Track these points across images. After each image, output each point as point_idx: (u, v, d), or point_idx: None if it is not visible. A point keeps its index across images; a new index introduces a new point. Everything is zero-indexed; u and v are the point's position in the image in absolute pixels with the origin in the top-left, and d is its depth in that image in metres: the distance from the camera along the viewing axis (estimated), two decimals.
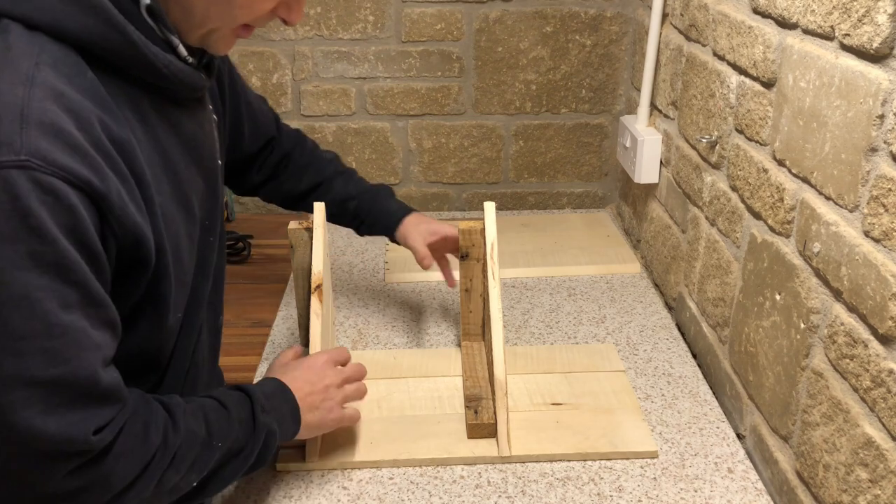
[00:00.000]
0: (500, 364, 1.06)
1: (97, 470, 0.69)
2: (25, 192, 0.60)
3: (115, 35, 0.67)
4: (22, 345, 0.62)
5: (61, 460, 0.66)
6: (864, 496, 0.81)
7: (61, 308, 0.63)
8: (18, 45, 0.64)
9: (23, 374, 0.62)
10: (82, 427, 0.66)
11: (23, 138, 0.60)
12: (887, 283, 0.76)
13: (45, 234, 0.61)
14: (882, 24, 0.76)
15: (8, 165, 0.59)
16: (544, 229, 1.71)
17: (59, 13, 0.65)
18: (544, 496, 0.98)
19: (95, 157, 0.65)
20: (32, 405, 0.63)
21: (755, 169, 1.07)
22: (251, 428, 0.84)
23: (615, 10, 1.73)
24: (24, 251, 0.60)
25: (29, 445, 0.64)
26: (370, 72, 1.77)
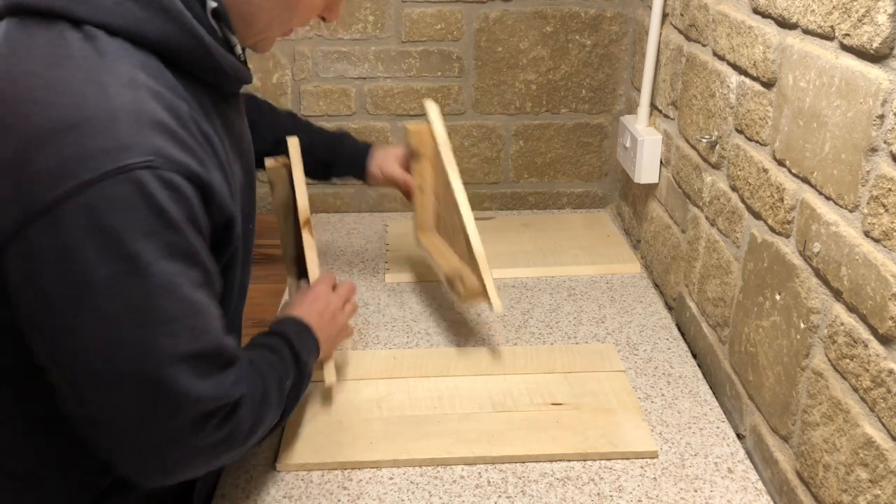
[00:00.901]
0: (475, 237, 1.19)
1: (233, 420, 0.77)
2: (156, 190, 0.65)
3: (190, 39, 0.72)
4: (173, 326, 0.69)
5: (212, 417, 0.74)
6: (864, 496, 0.81)
7: (193, 288, 0.70)
8: (110, 51, 0.68)
9: (178, 350, 0.69)
10: (226, 384, 0.74)
11: (144, 139, 0.65)
12: (887, 283, 0.76)
13: (176, 226, 0.68)
14: (882, 24, 0.76)
15: (138, 167, 0.65)
16: (544, 229, 1.71)
17: (139, 20, 0.69)
18: (544, 496, 0.98)
19: (197, 150, 0.71)
20: (188, 375, 0.70)
21: (755, 169, 1.07)
22: (296, 364, 0.93)
23: (615, 10, 1.73)
24: (163, 243, 0.67)
25: (190, 409, 0.71)
26: (370, 72, 1.77)
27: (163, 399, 0.69)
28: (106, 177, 0.63)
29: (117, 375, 0.67)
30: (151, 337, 0.67)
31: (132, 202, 0.65)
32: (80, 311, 0.65)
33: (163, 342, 0.68)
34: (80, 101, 0.65)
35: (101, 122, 0.64)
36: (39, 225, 0.63)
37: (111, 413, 0.70)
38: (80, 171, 0.63)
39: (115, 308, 0.66)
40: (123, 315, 0.66)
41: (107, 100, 0.65)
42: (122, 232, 0.64)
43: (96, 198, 0.63)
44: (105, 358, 0.67)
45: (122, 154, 0.64)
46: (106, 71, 0.66)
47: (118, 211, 0.64)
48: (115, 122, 0.65)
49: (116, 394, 0.68)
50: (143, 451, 0.73)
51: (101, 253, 0.64)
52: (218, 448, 0.77)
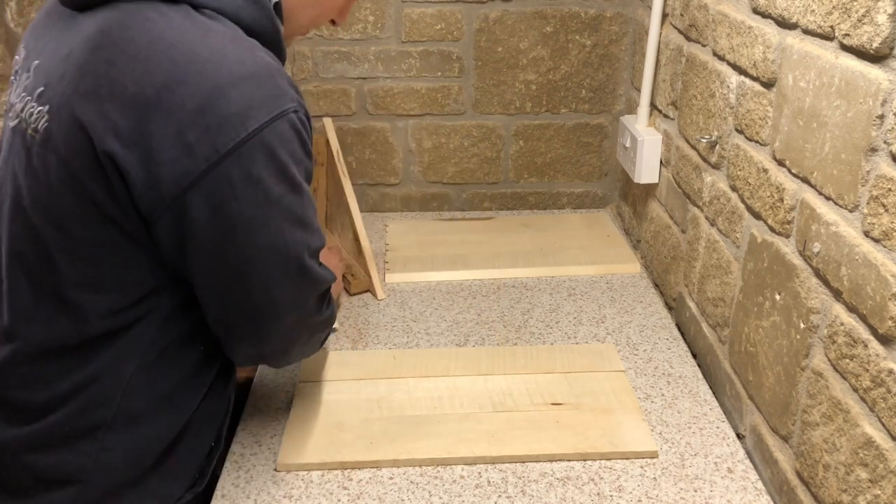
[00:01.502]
0: (363, 235, 1.45)
1: (330, 301, 1.01)
2: (301, 128, 0.84)
3: (271, 26, 0.88)
4: (313, 229, 0.90)
5: (324, 297, 0.98)
6: (864, 496, 0.81)
7: (310, 206, 0.89)
8: (231, 26, 0.84)
9: (316, 246, 0.91)
10: (331, 272, 0.97)
11: (289, 90, 0.83)
12: (887, 283, 0.76)
13: (310, 154, 0.87)
14: (882, 24, 0.76)
15: (290, 110, 0.82)
16: (544, 229, 1.71)
17: (239, 6, 0.85)
18: (544, 496, 0.98)
19: None
20: (318, 265, 0.93)
21: (755, 169, 1.07)
22: None
23: (615, 10, 1.73)
24: (304, 168, 0.86)
25: (319, 289, 0.94)
26: (370, 72, 1.77)
27: (310, 281, 0.91)
28: (276, 118, 0.80)
29: (285, 269, 0.86)
30: (305, 238, 0.88)
31: (291, 137, 0.82)
32: (264, 222, 0.82)
33: (310, 241, 0.89)
34: (241, 60, 0.80)
35: (263, 75, 0.81)
36: (231, 159, 0.78)
37: (276, 295, 0.88)
38: (259, 115, 0.79)
39: (286, 218, 0.84)
40: (291, 223, 0.85)
41: (258, 59, 0.81)
42: (286, 160, 0.82)
43: (271, 134, 0.80)
44: (279, 257, 0.85)
45: (281, 100, 0.81)
46: (242, 39, 0.83)
47: (285, 143, 0.82)
48: (271, 77, 0.81)
49: (285, 279, 0.87)
50: (285, 330, 0.93)
51: (276, 177, 0.82)
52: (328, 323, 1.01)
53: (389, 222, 1.76)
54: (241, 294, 0.87)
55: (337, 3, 0.99)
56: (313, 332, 0.99)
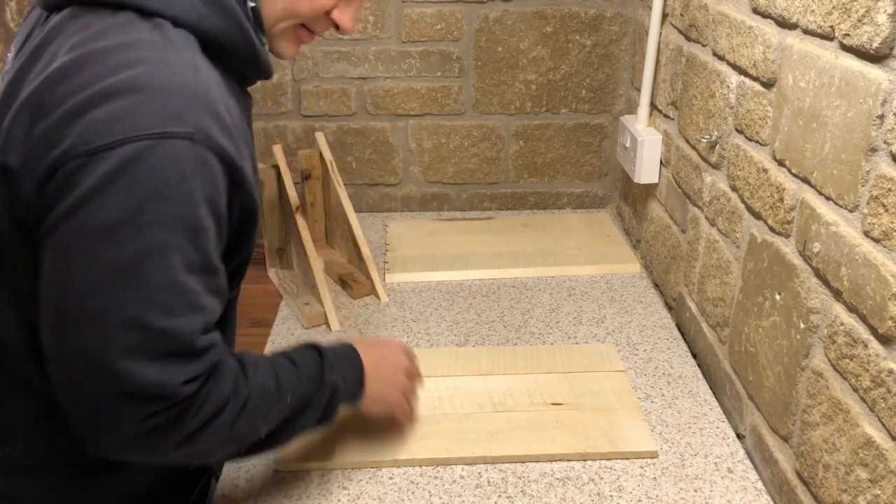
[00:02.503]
0: (363, 244, 1.45)
1: (174, 414, 0.73)
2: (186, 161, 0.69)
3: (241, 36, 0.78)
4: (148, 293, 0.69)
5: (146, 403, 0.71)
6: (864, 496, 0.81)
7: (185, 269, 0.70)
8: (176, 39, 0.74)
9: (142, 318, 0.69)
10: (175, 377, 0.71)
11: (193, 114, 0.70)
12: (887, 283, 0.76)
13: (192, 199, 0.69)
14: (882, 24, 0.76)
15: (178, 136, 0.68)
16: (544, 229, 1.71)
17: (201, 15, 0.75)
18: (544, 496, 0.98)
19: (237, 137, 0.75)
20: (138, 350, 0.69)
21: (755, 169, 1.07)
22: (318, 384, 0.89)
23: (615, 10, 1.73)
24: (172, 212, 0.69)
25: (123, 386, 0.69)
26: (370, 72, 1.77)
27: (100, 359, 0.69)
28: (149, 137, 0.67)
29: (79, 314, 0.68)
30: (121, 293, 0.68)
31: (162, 166, 0.68)
32: (73, 249, 0.68)
33: (129, 303, 0.68)
34: (146, 73, 0.69)
35: (160, 92, 0.69)
36: (75, 164, 0.67)
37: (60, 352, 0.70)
38: (128, 128, 0.67)
39: (101, 255, 0.68)
40: (106, 264, 0.68)
41: (170, 76, 0.70)
42: (140, 189, 0.67)
43: (133, 153, 0.67)
44: (78, 294, 0.68)
45: (169, 121, 0.68)
46: (172, 53, 0.72)
47: (146, 169, 0.67)
48: (171, 95, 0.69)
49: (71, 331, 0.69)
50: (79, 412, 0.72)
51: (113, 201, 0.67)
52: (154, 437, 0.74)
53: (389, 222, 1.76)
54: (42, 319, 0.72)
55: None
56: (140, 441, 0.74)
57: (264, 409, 0.83)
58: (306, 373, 0.89)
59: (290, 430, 0.88)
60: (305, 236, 1.39)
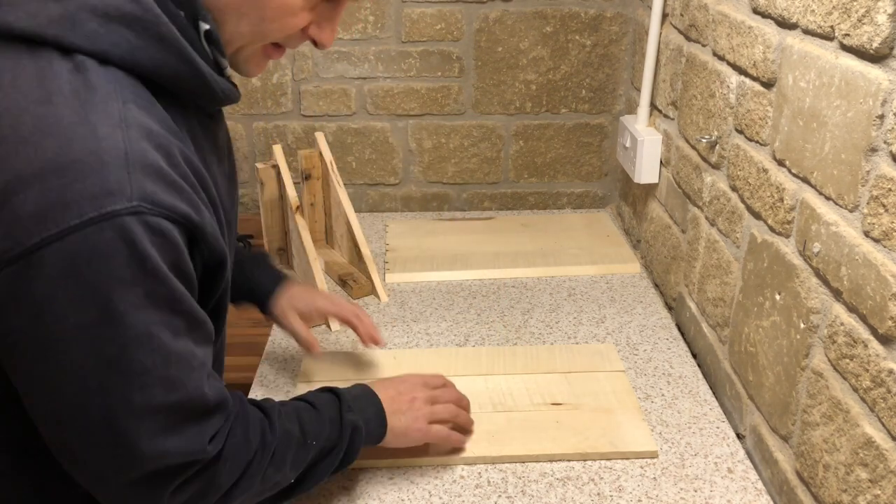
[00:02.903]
0: (363, 244, 1.45)
1: (208, 475, 0.74)
2: (140, 237, 0.62)
3: (185, 67, 0.69)
4: (146, 378, 0.66)
5: (180, 472, 0.71)
6: (864, 496, 0.81)
7: (174, 337, 0.67)
8: (101, 85, 0.64)
9: (149, 403, 0.66)
10: (199, 439, 0.71)
11: (131, 184, 0.62)
12: (887, 283, 0.76)
13: (158, 274, 0.64)
14: (882, 24, 0.76)
15: (123, 213, 0.61)
16: (544, 229, 1.71)
17: (134, 48, 0.66)
18: (544, 496, 0.98)
19: (188, 190, 0.67)
20: (157, 429, 0.67)
21: (755, 169, 1.07)
22: (339, 426, 0.90)
23: (615, 10, 1.73)
24: (143, 293, 0.64)
25: (154, 464, 0.69)
26: (370, 72, 1.77)
27: (124, 452, 0.67)
28: (89, 223, 0.60)
29: (83, 424, 0.66)
30: (121, 389, 0.65)
31: (114, 250, 0.61)
32: (51, 358, 0.63)
33: (133, 395, 0.65)
34: (68, 142, 0.61)
35: (88, 165, 0.61)
36: (13, 269, 0.60)
37: (77, 456, 0.68)
38: (63, 217, 0.60)
39: (84, 358, 0.63)
40: (93, 366, 0.64)
41: (96, 141, 0.62)
42: (99, 281, 0.61)
43: (77, 245, 0.60)
44: (72, 405, 0.65)
45: (107, 200, 0.61)
46: (96, 109, 0.63)
47: (98, 259, 0.61)
48: (102, 166, 0.61)
49: (81, 440, 0.67)
50: (110, 497, 0.71)
51: (74, 302, 0.61)
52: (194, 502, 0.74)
53: (389, 222, 1.76)
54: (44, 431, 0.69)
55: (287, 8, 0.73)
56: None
57: (292, 456, 0.84)
58: (327, 416, 0.89)
59: (315, 475, 0.89)
60: (305, 236, 1.39)
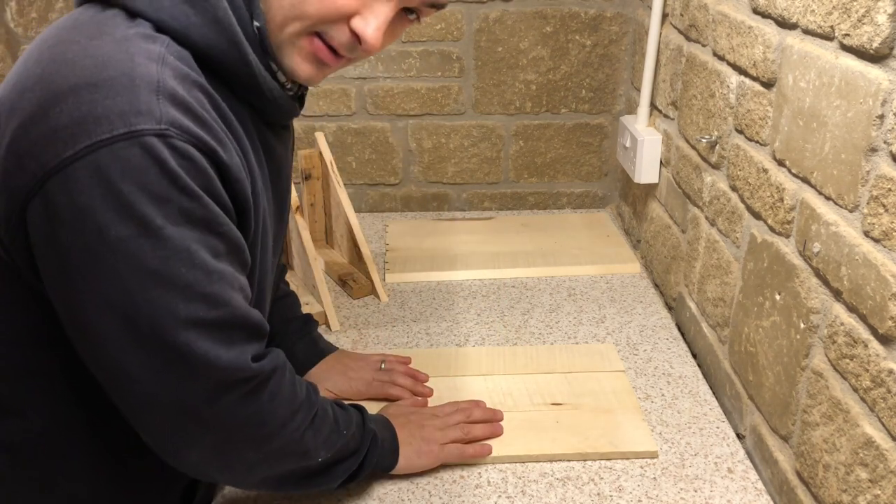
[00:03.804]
0: (363, 244, 1.45)
1: (256, 403, 0.76)
2: (169, 157, 0.65)
3: (235, 53, 0.72)
4: (188, 292, 0.68)
5: (232, 388, 0.73)
6: (864, 496, 0.81)
7: (213, 257, 0.69)
8: (151, 36, 0.69)
9: (193, 315, 0.68)
10: (245, 356, 0.73)
11: (160, 108, 0.65)
12: (887, 283, 0.76)
13: (192, 192, 0.66)
14: (882, 24, 0.76)
15: (149, 133, 0.64)
16: (544, 229, 1.71)
17: (190, 24, 0.70)
18: (544, 496, 0.98)
19: (217, 130, 0.70)
20: (206, 342, 0.70)
21: (755, 169, 1.07)
22: (363, 431, 0.92)
23: (615, 10, 1.73)
24: (176, 209, 0.66)
25: (206, 375, 0.71)
26: (370, 72, 1.77)
27: (179, 363, 0.69)
28: (118, 139, 0.63)
29: (134, 336, 0.67)
30: (166, 301, 0.67)
31: (143, 166, 0.64)
32: (97, 270, 0.65)
33: (178, 307, 0.67)
34: (104, 63, 0.65)
35: (121, 84, 0.64)
36: (55, 182, 0.64)
37: (128, 374, 0.69)
38: (93, 131, 0.63)
39: (130, 269, 0.66)
40: (139, 276, 0.66)
41: (131, 66, 0.65)
42: (133, 195, 0.64)
43: (107, 159, 0.63)
44: (122, 318, 0.67)
45: (136, 118, 0.64)
46: (138, 47, 0.67)
47: (129, 173, 0.64)
48: (133, 88, 0.64)
49: (133, 355, 0.68)
50: (158, 419, 0.73)
51: (115, 214, 0.64)
52: (235, 433, 0.76)
53: (389, 222, 1.76)
54: (91, 352, 0.71)
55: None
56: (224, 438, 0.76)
57: (327, 431, 0.85)
58: (354, 419, 0.92)
59: (336, 473, 0.89)
60: (305, 236, 1.39)
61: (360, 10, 0.73)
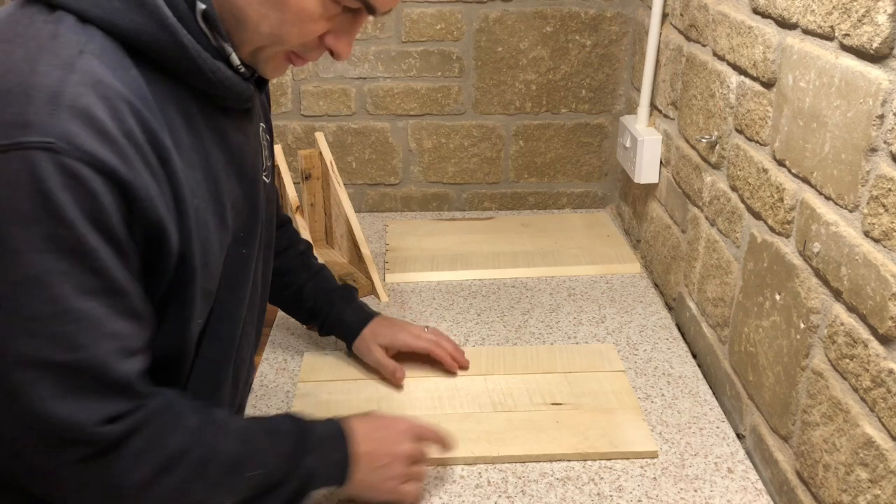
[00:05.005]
0: (363, 244, 1.44)
1: (105, 464, 0.68)
2: (48, 175, 0.60)
3: (165, 36, 0.67)
4: (34, 326, 0.62)
5: (69, 447, 0.66)
6: (864, 496, 0.81)
7: (79, 293, 0.63)
8: (66, 35, 0.64)
9: (34, 354, 0.63)
10: (90, 415, 0.66)
11: (52, 120, 0.60)
12: (887, 283, 0.76)
13: (63, 217, 0.61)
14: (882, 24, 0.76)
15: (33, 146, 0.59)
16: (544, 229, 1.71)
17: (114, 10, 0.66)
18: (544, 496, 0.98)
19: (125, 145, 0.64)
20: (43, 387, 0.63)
21: (755, 169, 1.07)
22: (291, 467, 0.82)
23: (615, 10, 1.73)
24: (41, 233, 0.61)
25: (38, 428, 0.64)
26: (370, 72, 1.77)
27: (11, 403, 0.63)
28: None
29: None
30: (6, 331, 0.62)
31: (16, 182, 0.59)
32: None
33: (18, 342, 0.62)
34: (4, 73, 0.61)
35: (13, 95, 0.60)
36: None
37: None
38: None
39: None
40: None
41: (30, 76, 0.61)
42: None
43: None
44: None
45: (19, 130, 0.59)
46: (46, 51, 0.63)
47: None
48: (26, 99, 0.60)
49: None
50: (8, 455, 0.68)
51: None
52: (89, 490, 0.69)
53: (389, 222, 1.76)
54: None
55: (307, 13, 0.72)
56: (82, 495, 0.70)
57: (227, 481, 0.77)
58: (282, 450, 0.82)
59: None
60: (305, 236, 1.39)
61: (332, 28, 0.75)
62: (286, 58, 0.77)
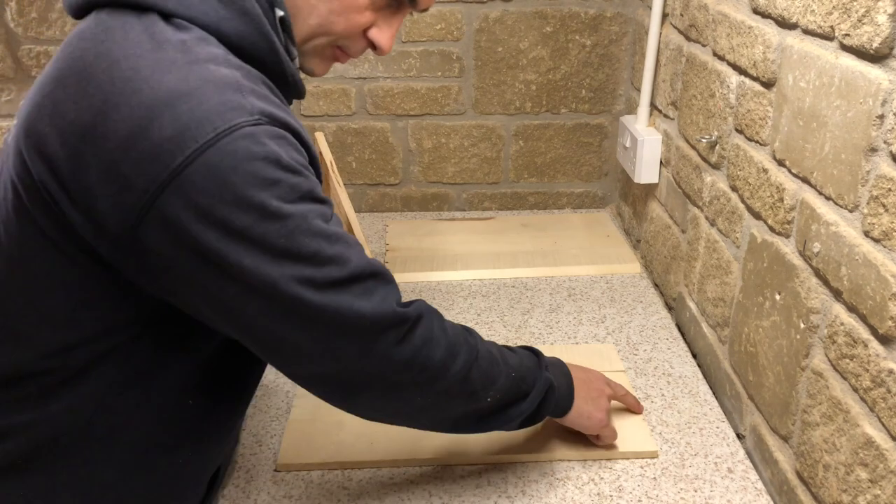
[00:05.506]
0: (363, 244, 1.32)
1: (410, 348, 0.79)
2: (269, 142, 0.70)
3: (263, 42, 0.76)
4: (318, 258, 0.73)
5: (381, 336, 0.77)
6: (864, 496, 0.81)
7: (325, 222, 0.74)
8: (202, 38, 0.73)
9: (327, 278, 0.73)
10: (388, 303, 0.77)
11: (248, 102, 0.70)
12: (887, 283, 0.76)
13: (294, 169, 0.72)
14: (882, 24, 0.76)
15: (247, 125, 0.69)
16: (544, 229, 1.71)
17: (221, 17, 0.74)
18: (544, 496, 0.98)
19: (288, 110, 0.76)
20: (345, 299, 0.74)
21: (755, 169, 1.07)
22: (536, 376, 0.92)
23: (615, 10, 1.73)
24: (287, 187, 0.71)
25: (356, 329, 0.75)
26: (370, 72, 1.77)
27: (327, 324, 0.74)
28: (221, 136, 0.67)
29: (281, 311, 0.72)
30: (300, 272, 0.72)
31: (249, 156, 0.68)
32: (238, 257, 0.69)
33: (313, 276, 0.72)
34: (185, 75, 0.69)
35: (209, 90, 0.69)
36: (170, 191, 0.67)
37: (281, 344, 0.75)
38: (198, 135, 0.67)
39: (261, 255, 0.70)
40: (270, 258, 0.70)
41: (210, 72, 0.70)
42: (246, 184, 0.68)
43: (216, 156, 0.67)
44: (266, 299, 0.71)
45: (232, 114, 0.68)
46: (203, 52, 0.71)
47: (238, 165, 0.68)
48: (221, 89, 0.69)
49: (283, 326, 0.73)
50: (320, 378, 0.79)
51: (234, 206, 0.68)
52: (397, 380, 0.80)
53: (389, 222, 1.76)
54: (244, 332, 0.76)
55: (354, 4, 0.80)
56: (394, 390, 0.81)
57: (493, 374, 0.87)
58: (527, 362, 0.92)
59: (504, 416, 0.90)
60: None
61: (376, 22, 0.83)
62: (331, 52, 0.85)
